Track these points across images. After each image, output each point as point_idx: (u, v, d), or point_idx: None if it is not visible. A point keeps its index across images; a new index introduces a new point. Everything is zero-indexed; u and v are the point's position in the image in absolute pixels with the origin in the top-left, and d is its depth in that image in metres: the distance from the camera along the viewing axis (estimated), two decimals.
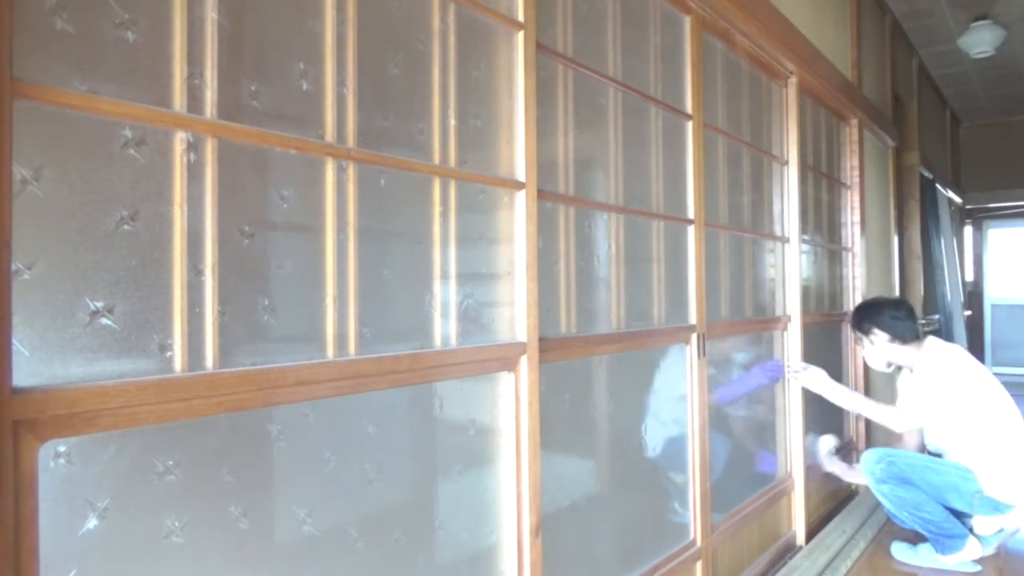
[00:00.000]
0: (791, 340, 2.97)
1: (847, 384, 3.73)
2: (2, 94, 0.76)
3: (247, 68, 1.03)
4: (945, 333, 5.38)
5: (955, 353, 2.75)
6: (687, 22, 2.23)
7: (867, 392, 3.80)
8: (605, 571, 1.79)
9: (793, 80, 2.99)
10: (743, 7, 2.37)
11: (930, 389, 2.69)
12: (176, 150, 0.94)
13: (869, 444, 3.77)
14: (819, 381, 2.86)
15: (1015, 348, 8.64)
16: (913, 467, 2.64)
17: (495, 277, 1.47)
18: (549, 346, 1.57)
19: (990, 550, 2.68)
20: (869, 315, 2.90)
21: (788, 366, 2.95)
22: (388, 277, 1.24)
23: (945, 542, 2.62)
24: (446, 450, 1.37)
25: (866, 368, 3.78)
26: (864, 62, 3.96)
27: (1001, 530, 2.66)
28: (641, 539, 1.95)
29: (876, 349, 2.87)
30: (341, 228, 1.15)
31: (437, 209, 1.33)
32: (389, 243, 1.25)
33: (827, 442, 3.09)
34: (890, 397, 4.39)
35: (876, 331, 2.84)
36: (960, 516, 2.66)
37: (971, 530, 2.65)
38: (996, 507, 2.57)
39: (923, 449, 2.93)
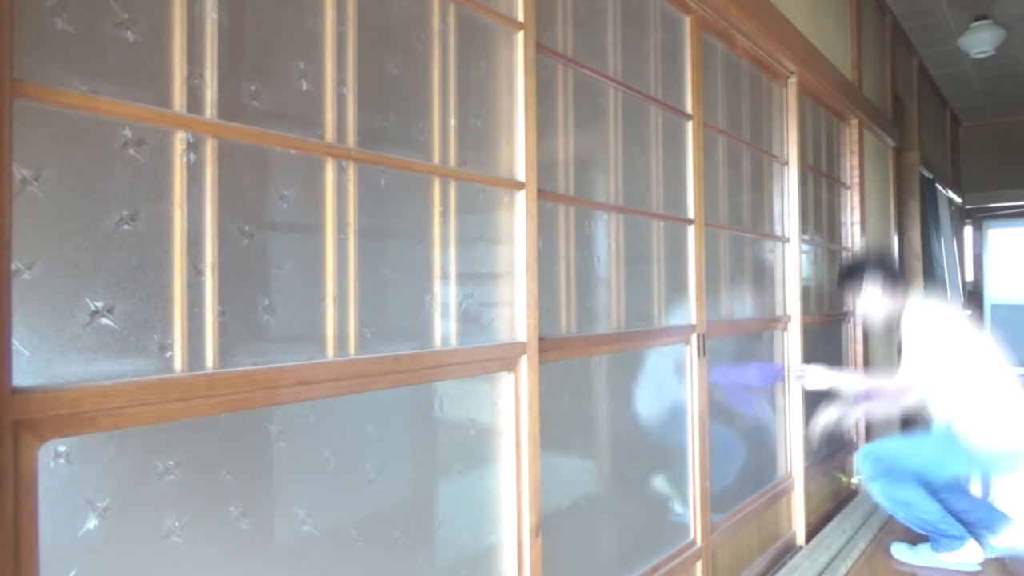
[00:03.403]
0: (791, 340, 2.97)
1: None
2: (2, 94, 0.76)
3: (247, 68, 1.03)
4: None
5: (936, 305, 2.71)
6: (687, 22, 2.23)
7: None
8: (605, 571, 1.79)
9: (793, 80, 2.99)
10: (743, 7, 2.37)
11: (914, 339, 2.63)
12: (176, 150, 0.94)
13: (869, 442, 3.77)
14: (820, 377, 2.84)
15: (1015, 348, 8.62)
16: (897, 456, 2.64)
17: (495, 277, 1.47)
18: (549, 346, 1.57)
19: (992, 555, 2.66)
20: (862, 266, 2.84)
21: (789, 371, 2.94)
22: (388, 277, 1.24)
23: (941, 540, 2.61)
24: (446, 450, 1.37)
25: (867, 366, 3.78)
26: (864, 62, 3.96)
27: (1013, 547, 2.61)
28: (641, 539, 1.95)
29: (869, 299, 2.79)
30: (341, 228, 1.15)
31: (437, 209, 1.33)
32: (389, 243, 1.25)
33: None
34: (887, 375, 4.40)
35: (870, 280, 2.77)
36: (967, 523, 2.62)
37: (980, 541, 2.60)
38: (997, 461, 2.48)
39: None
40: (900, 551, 2.77)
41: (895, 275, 2.79)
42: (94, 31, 0.86)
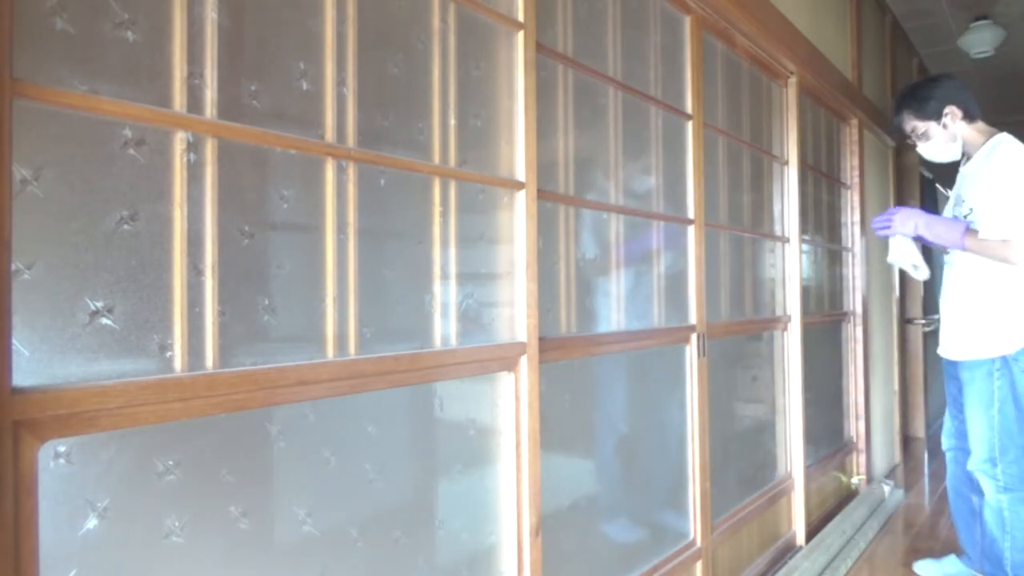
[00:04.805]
0: (791, 340, 2.97)
1: (846, 383, 3.73)
2: (2, 94, 0.76)
3: (247, 68, 1.03)
4: None
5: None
6: (687, 22, 2.23)
7: (867, 386, 3.80)
8: (605, 571, 1.79)
9: (793, 80, 2.99)
10: (743, 7, 2.37)
11: (1008, 175, 2.14)
12: (176, 150, 0.94)
13: (869, 444, 3.78)
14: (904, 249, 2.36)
15: None
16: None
17: (495, 277, 1.47)
18: (549, 346, 1.57)
19: None
20: (936, 92, 2.36)
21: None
22: (388, 277, 1.24)
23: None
24: (446, 450, 1.37)
25: (867, 366, 3.78)
26: (864, 62, 3.96)
27: None
28: (641, 539, 1.95)
29: (946, 134, 2.36)
30: (341, 228, 1.15)
31: (437, 209, 1.33)
32: (389, 243, 1.25)
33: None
34: (887, 375, 4.39)
35: (951, 108, 2.32)
36: None
37: None
38: None
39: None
40: (926, 568, 2.62)
41: (972, 99, 2.33)
42: (94, 31, 0.86)
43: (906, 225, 2.35)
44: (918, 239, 2.38)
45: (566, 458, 1.69)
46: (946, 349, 2.45)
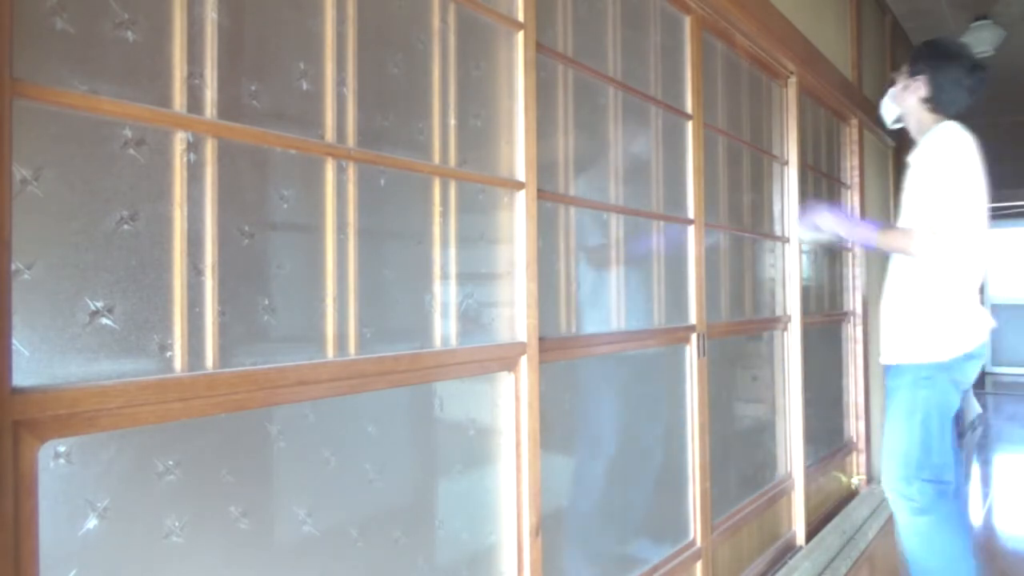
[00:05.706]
0: (791, 340, 2.97)
1: (846, 383, 3.73)
2: (2, 94, 0.76)
3: (247, 68, 1.03)
4: None
5: (969, 142, 2.02)
6: (687, 22, 2.23)
7: (867, 386, 3.80)
8: (605, 571, 1.79)
9: (793, 80, 2.99)
10: (743, 7, 2.37)
11: (927, 175, 2.01)
12: (176, 150, 0.94)
13: (869, 445, 3.78)
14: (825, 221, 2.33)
15: (1015, 348, 8.66)
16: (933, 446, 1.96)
17: (495, 277, 1.47)
18: (549, 346, 1.57)
19: None
20: (929, 57, 2.16)
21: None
22: (388, 277, 1.24)
23: None
24: (446, 450, 1.37)
25: (866, 366, 3.78)
26: (864, 62, 3.96)
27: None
28: (641, 539, 1.95)
29: (901, 97, 2.23)
30: (341, 228, 1.15)
31: (437, 209, 1.33)
32: (389, 243, 1.25)
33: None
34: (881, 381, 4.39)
35: (922, 79, 2.14)
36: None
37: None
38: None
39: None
40: None
41: (954, 98, 2.11)
42: (94, 31, 0.86)
43: (829, 225, 2.33)
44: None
45: (566, 458, 1.69)
46: (880, 352, 2.23)
